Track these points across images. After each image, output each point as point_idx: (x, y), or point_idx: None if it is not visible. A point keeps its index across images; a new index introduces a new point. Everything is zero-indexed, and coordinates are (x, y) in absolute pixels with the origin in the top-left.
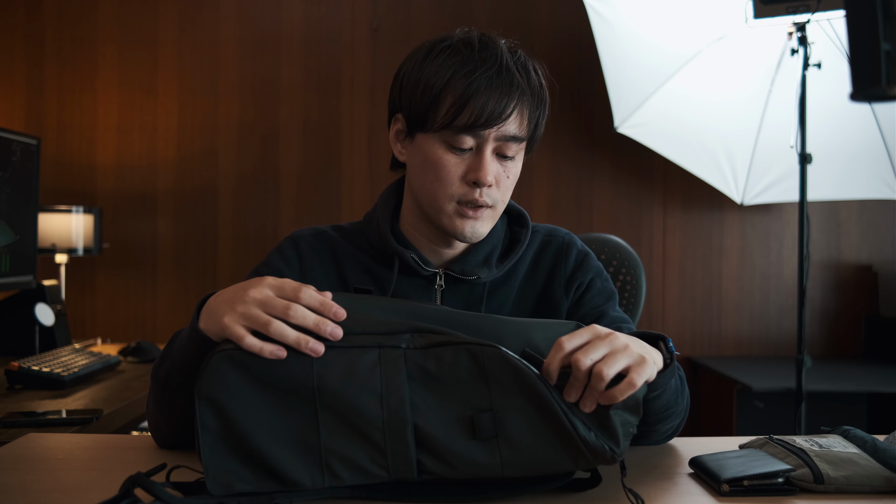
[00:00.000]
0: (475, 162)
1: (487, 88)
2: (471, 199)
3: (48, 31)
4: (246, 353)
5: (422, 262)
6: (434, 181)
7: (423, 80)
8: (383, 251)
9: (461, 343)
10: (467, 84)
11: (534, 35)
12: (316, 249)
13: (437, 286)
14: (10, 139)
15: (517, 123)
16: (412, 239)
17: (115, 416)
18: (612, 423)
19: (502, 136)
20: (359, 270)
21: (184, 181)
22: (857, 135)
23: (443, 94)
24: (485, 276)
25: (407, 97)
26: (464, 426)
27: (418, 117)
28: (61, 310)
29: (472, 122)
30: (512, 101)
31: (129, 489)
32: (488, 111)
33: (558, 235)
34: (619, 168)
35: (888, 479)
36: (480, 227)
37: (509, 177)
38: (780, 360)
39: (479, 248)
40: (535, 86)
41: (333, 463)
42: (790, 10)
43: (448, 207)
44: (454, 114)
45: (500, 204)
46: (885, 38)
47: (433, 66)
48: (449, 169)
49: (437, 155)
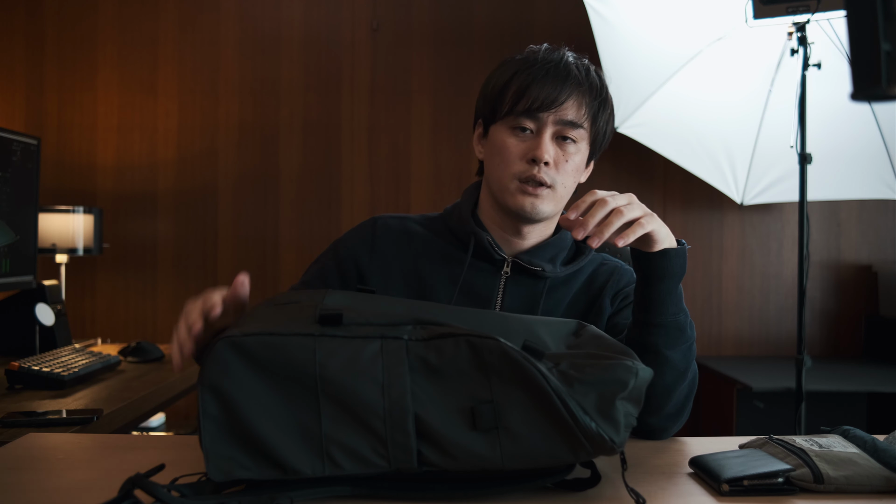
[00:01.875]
0: (535, 142)
1: (544, 77)
2: (530, 175)
3: (48, 32)
4: (249, 340)
5: (495, 246)
6: (500, 162)
7: (494, 79)
8: (461, 235)
9: (462, 335)
10: (527, 75)
11: (534, 35)
12: (391, 230)
13: (504, 272)
14: (10, 139)
15: (574, 110)
16: (489, 227)
17: (115, 416)
18: (616, 413)
19: (560, 119)
20: (431, 253)
21: (184, 181)
22: (857, 135)
23: (507, 87)
24: (549, 271)
25: (482, 99)
26: (464, 417)
27: (489, 111)
28: (61, 310)
29: (530, 106)
30: (567, 89)
31: (129, 490)
32: (544, 95)
33: (616, 260)
34: (619, 168)
35: (888, 479)
36: (541, 204)
37: (568, 161)
38: (780, 360)
39: (548, 246)
40: (593, 82)
41: (334, 451)
42: (790, 11)
43: (511, 185)
44: (515, 100)
45: (559, 186)
46: (885, 38)
47: (503, 68)
48: (511, 150)
49: (503, 140)
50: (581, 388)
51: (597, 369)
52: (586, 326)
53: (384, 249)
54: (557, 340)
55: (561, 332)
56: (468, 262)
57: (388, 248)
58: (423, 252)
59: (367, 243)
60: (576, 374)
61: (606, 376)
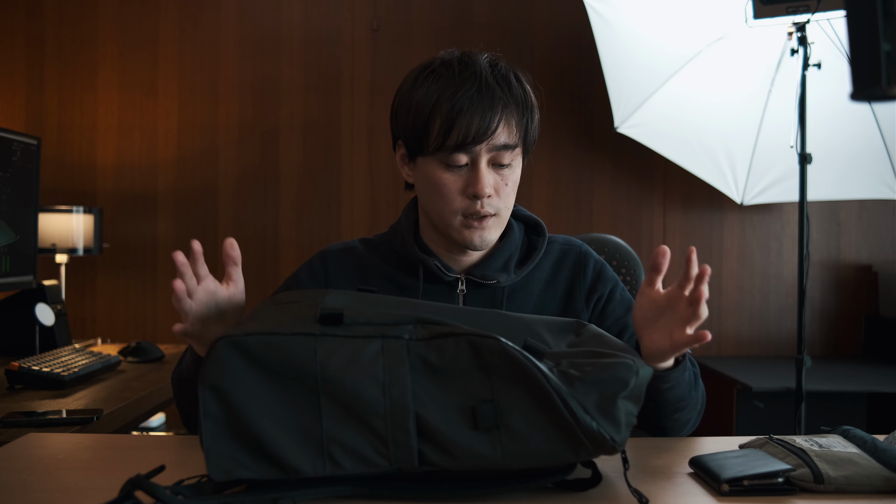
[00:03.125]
0: (472, 176)
1: (470, 108)
2: (473, 211)
3: (48, 32)
4: (250, 339)
5: (444, 268)
6: (438, 199)
7: (413, 108)
8: (408, 260)
9: (462, 334)
10: (451, 106)
11: (534, 35)
12: (343, 264)
13: (460, 291)
14: (10, 139)
15: (506, 133)
16: (433, 248)
17: (115, 416)
18: (617, 411)
19: (493, 147)
20: (384, 281)
21: (184, 181)
22: (857, 135)
23: (431, 119)
24: (504, 281)
25: (402, 125)
26: (465, 416)
27: (414, 143)
28: (61, 310)
29: (461, 142)
30: (496, 116)
31: (130, 491)
32: (475, 129)
33: (575, 246)
34: (619, 168)
35: (888, 479)
36: (488, 234)
37: (508, 184)
38: (779, 360)
39: (498, 254)
40: (517, 95)
41: (335, 451)
42: (790, 11)
43: (454, 221)
44: (444, 136)
45: (503, 211)
46: (885, 38)
47: (419, 93)
48: (449, 186)
49: (437, 175)
50: (582, 387)
51: (598, 368)
52: (586, 325)
53: (338, 284)
54: (558, 339)
55: (561, 331)
56: (422, 286)
57: (341, 283)
58: (376, 282)
59: (319, 281)
60: (576, 374)
61: (607, 375)
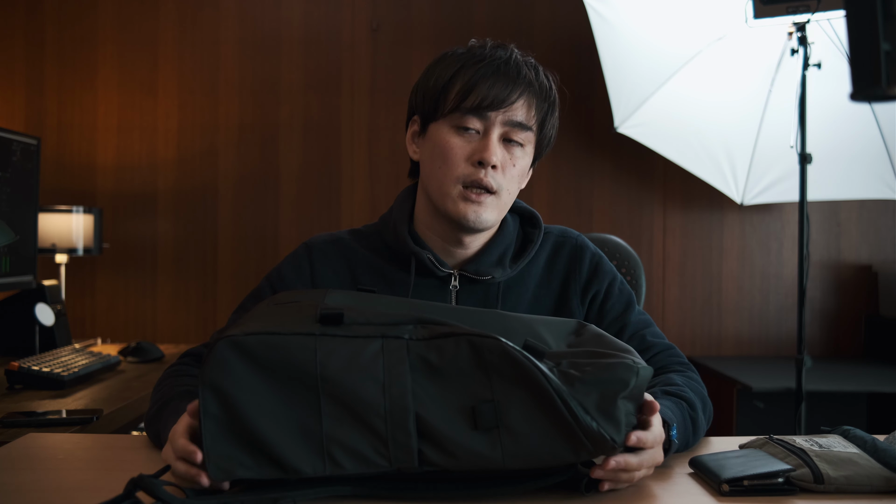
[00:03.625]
0: (481, 144)
1: (494, 75)
2: (475, 178)
3: (48, 31)
4: (250, 339)
5: (437, 263)
6: (442, 165)
7: (436, 74)
8: (399, 252)
9: (462, 334)
10: (475, 70)
11: (534, 35)
12: (328, 257)
13: (452, 287)
14: (10, 139)
15: (524, 111)
16: (427, 240)
17: (115, 416)
18: (617, 412)
19: (509, 120)
20: (373, 275)
21: (184, 181)
22: (857, 135)
23: (452, 82)
24: (499, 276)
25: (421, 94)
26: (465, 416)
27: (430, 107)
28: (61, 310)
29: (478, 104)
30: (518, 88)
31: (131, 491)
32: (493, 94)
33: (570, 238)
34: (619, 168)
35: (888, 479)
36: (484, 213)
37: (515, 165)
38: (780, 360)
39: (493, 248)
40: (543, 83)
41: (335, 451)
42: (790, 11)
43: (453, 191)
44: (462, 97)
45: (504, 192)
46: (885, 38)
47: (446, 61)
48: (456, 151)
49: (446, 139)
50: (582, 387)
51: (598, 368)
52: (587, 326)
53: (323, 278)
54: (558, 339)
55: (562, 332)
56: (412, 283)
57: (327, 277)
58: (365, 276)
59: (304, 275)
60: (577, 374)
61: (607, 375)
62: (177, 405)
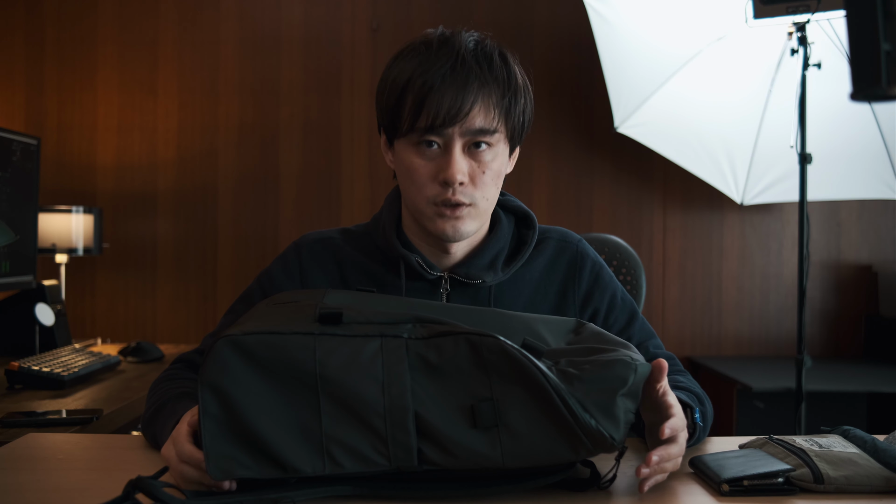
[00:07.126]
0: (443, 161)
1: (441, 86)
2: (444, 198)
3: (48, 31)
4: (249, 339)
5: (426, 266)
6: (410, 186)
7: (388, 87)
8: (390, 255)
9: (461, 333)
10: (422, 84)
11: (534, 35)
12: (318, 257)
13: (443, 290)
14: (10, 139)
15: (483, 116)
16: (416, 243)
17: (115, 416)
18: (616, 409)
19: (468, 130)
20: (363, 277)
21: (184, 181)
22: (857, 135)
23: (403, 98)
24: (490, 280)
25: (379, 110)
26: (465, 415)
27: (390, 124)
28: (61, 310)
29: (431, 123)
30: (470, 96)
31: (130, 492)
32: (445, 109)
33: (570, 244)
34: (619, 168)
35: (888, 479)
36: (462, 225)
37: (486, 172)
38: (780, 360)
39: (485, 251)
40: (499, 75)
41: (334, 450)
42: (790, 11)
43: (427, 210)
44: (414, 116)
45: (481, 201)
46: (885, 38)
47: (395, 70)
48: (420, 171)
49: (410, 160)
50: (581, 385)
51: (596, 366)
52: (586, 325)
53: (313, 279)
54: (557, 338)
55: (561, 330)
56: (404, 284)
57: (317, 278)
58: (354, 277)
59: (293, 276)
60: (575, 372)
61: (606, 373)
62: (173, 407)
